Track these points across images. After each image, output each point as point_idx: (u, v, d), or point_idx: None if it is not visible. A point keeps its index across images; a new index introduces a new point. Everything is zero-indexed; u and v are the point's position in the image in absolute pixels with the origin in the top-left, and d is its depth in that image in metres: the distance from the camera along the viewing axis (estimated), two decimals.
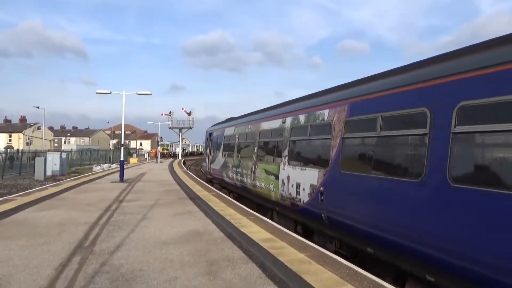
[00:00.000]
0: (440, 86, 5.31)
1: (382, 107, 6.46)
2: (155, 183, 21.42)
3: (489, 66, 4.61)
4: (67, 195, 15.35)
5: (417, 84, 5.78)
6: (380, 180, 6.31)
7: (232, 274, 5.94)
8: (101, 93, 23.98)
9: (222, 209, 11.97)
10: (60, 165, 29.45)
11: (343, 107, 7.68)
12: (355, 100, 7.37)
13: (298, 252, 7.05)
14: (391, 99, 6.31)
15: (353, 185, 7.11)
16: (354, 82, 8.20)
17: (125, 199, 14.55)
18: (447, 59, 5.56)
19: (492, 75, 4.54)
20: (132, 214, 11.10)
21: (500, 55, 4.53)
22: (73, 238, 8.07)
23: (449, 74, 5.21)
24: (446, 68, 5.38)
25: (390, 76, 6.79)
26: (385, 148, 6.58)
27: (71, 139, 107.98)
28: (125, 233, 8.68)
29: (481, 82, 4.66)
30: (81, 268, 6.12)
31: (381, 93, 6.63)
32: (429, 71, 5.71)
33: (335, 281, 5.52)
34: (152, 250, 7.27)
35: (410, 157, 6.01)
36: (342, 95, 8.02)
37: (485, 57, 4.76)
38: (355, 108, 7.30)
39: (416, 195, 5.41)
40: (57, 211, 11.47)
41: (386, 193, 6.09)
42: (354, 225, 6.96)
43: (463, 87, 4.91)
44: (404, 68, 6.69)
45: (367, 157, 7.01)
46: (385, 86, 6.62)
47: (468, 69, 4.92)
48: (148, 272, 6.01)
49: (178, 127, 79.37)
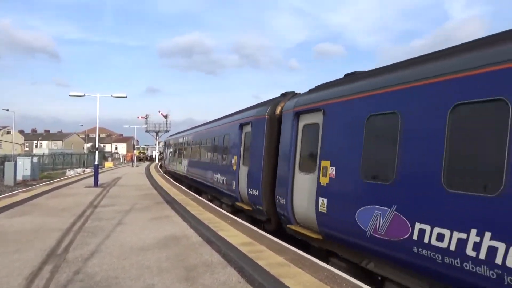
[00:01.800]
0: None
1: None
2: (131, 188, 21.01)
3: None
4: (39, 201, 14.84)
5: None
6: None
7: (210, 279, 5.87)
8: (75, 95, 23.36)
9: (200, 213, 11.84)
10: (31, 169, 28.56)
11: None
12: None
13: (277, 256, 7.04)
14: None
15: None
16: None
17: (100, 204, 14.20)
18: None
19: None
20: (107, 220, 10.83)
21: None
22: (45, 246, 7.79)
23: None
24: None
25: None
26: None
27: (43, 143, 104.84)
28: (99, 239, 8.46)
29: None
30: (53, 276, 5.91)
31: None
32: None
33: (315, 284, 5.53)
34: (128, 257, 7.11)
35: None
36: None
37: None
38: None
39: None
40: (29, 217, 11.07)
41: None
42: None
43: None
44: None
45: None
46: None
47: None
48: (124, 279, 5.86)
49: (154, 130, 78.33)
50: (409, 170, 5.39)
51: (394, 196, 5.56)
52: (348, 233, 6.63)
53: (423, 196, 5.08)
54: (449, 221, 4.69)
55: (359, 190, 6.38)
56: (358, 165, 6.38)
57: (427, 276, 5.17)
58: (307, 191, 7.96)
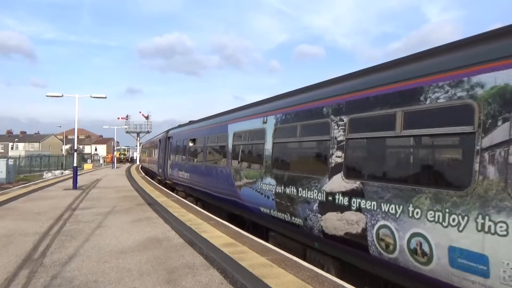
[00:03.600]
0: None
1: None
2: (111, 189, 20.63)
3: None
4: (15, 204, 14.39)
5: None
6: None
7: (192, 282, 5.79)
8: (52, 96, 22.77)
9: (182, 215, 11.71)
10: (7, 172, 27.79)
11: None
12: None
13: (260, 256, 7.01)
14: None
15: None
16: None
17: (78, 206, 13.87)
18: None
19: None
20: (86, 223, 10.59)
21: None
22: (20, 251, 7.54)
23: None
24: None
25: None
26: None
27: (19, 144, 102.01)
28: (78, 242, 8.25)
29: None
30: (29, 282, 5.72)
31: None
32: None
33: (297, 284, 5.53)
34: (108, 260, 6.95)
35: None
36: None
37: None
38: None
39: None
40: (3, 222, 10.71)
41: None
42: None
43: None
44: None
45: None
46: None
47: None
48: (104, 283, 5.72)
49: (135, 131, 77.51)
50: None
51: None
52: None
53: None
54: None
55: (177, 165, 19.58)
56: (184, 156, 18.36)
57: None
58: (169, 166, 22.01)
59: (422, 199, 4.70)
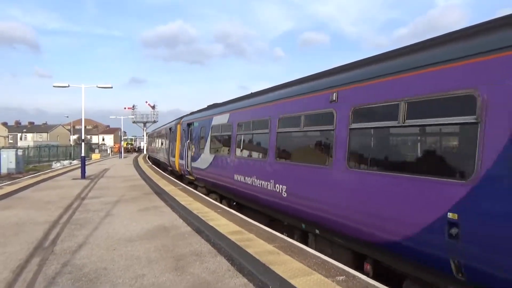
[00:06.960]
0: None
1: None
2: (119, 179, 20.84)
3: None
4: (25, 194, 14.62)
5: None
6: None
7: (200, 269, 5.87)
8: (59, 86, 22.91)
9: (189, 203, 11.82)
10: (16, 162, 28.12)
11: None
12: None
13: (267, 244, 7.08)
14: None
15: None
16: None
17: (87, 196, 14.05)
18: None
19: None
20: (95, 212, 10.73)
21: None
22: (31, 239, 7.69)
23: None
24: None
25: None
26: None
27: (27, 135, 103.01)
28: (88, 231, 8.38)
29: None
30: (40, 269, 5.84)
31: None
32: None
33: (304, 271, 5.58)
34: (117, 248, 7.06)
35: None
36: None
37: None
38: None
39: None
40: (14, 210, 10.90)
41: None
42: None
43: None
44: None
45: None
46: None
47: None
48: (113, 270, 5.83)
49: (142, 121, 77.58)
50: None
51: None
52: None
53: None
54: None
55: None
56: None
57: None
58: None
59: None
